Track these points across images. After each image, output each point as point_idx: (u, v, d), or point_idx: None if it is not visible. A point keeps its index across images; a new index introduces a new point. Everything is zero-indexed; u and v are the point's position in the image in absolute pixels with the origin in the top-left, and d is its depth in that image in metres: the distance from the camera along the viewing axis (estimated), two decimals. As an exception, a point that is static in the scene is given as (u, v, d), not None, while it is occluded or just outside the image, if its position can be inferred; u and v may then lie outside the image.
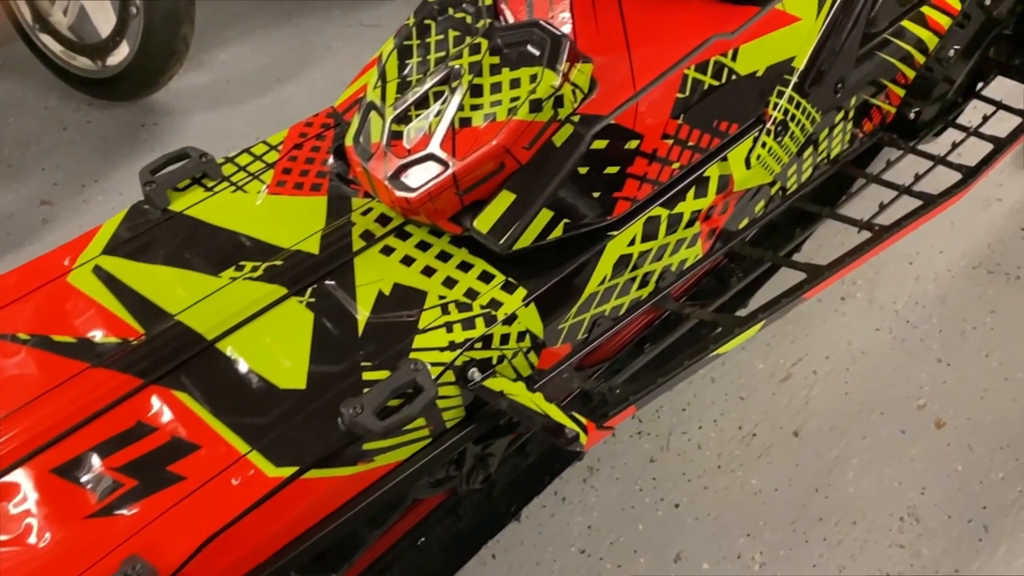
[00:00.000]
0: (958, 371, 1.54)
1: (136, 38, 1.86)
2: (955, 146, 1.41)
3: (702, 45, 0.97)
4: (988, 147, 1.39)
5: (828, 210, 1.26)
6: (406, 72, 0.95)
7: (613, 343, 1.18)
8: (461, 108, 0.90)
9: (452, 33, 0.95)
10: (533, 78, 0.88)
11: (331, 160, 1.04)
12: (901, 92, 1.35)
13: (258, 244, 0.94)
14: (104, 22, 1.91)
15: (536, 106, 0.88)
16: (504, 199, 0.91)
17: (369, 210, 0.98)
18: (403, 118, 0.93)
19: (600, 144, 0.92)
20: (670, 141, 0.97)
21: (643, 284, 1.06)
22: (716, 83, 0.99)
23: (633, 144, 0.94)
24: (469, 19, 0.95)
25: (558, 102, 0.89)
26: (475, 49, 0.92)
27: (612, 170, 0.94)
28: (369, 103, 0.95)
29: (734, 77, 1.00)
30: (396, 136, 0.92)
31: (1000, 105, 1.49)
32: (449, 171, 0.89)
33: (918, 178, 1.33)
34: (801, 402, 1.51)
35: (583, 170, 0.92)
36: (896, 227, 1.21)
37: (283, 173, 1.02)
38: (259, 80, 2.13)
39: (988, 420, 1.47)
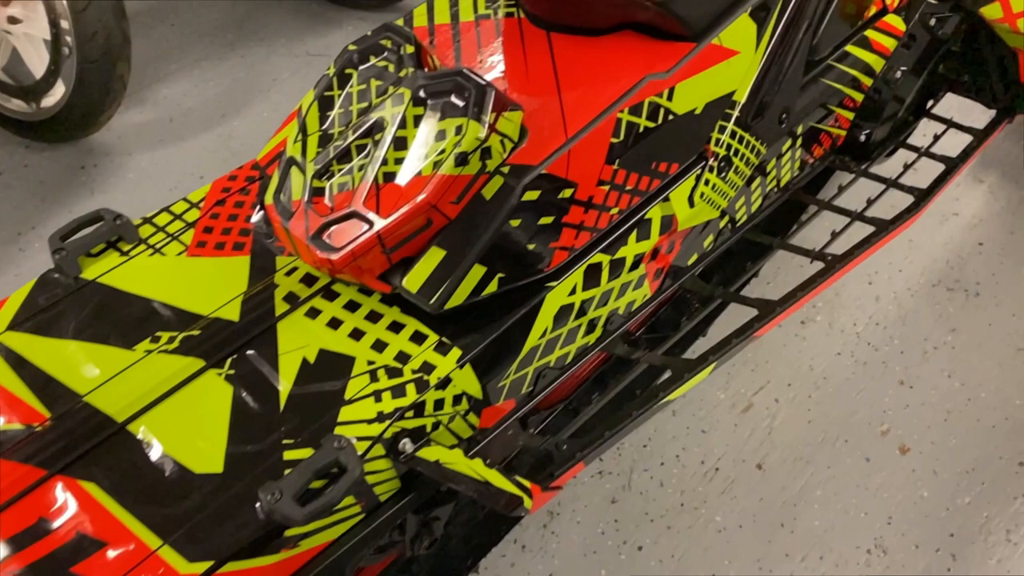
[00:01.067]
0: (921, 394, 1.51)
1: (71, 78, 1.80)
2: (907, 168, 1.39)
3: (635, 87, 0.93)
4: (941, 166, 1.38)
5: (779, 241, 1.23)
6: (327, 124, 0.90)
7: (568, 384, 1.14)
8: (385, 162, 0.85)
9: (374, 83, 0.90)
10: (458, 130, 0.84)
11: (255, 216, 0.98)
12: (850, 116, 1.32)
13: (176, 312, 0.89)
14: (37, 63, 1.84)
15: (462, 159, 0.83)
16: (433, 256, 0.86)
17: (294, 269, 0.93)
18: (325, 173, 0.88)
19: (532, 195, 0.87)
20: (606, 187, 0.93)
21: (590, 330, 1.02)
22: (652, 124, 0.95)
23: (567, 193, 0.90)
24: (392, 68, 0.90)
25: (485, 153, 0.85)
26: (398, 100, 0.87)
27: (547, 220, 0.90)
28: (289, 158, 0.90)
29: (671, 117, 0.97)
30: (318, 193, 0.87)
31: (951, 123, 1.47)
32: (374, 230, 0.84)
33: (870, 203, 1.31)
34: (764, 433, 1.47)
35: (516, 222, 0.87)
36: (849, 256, 1.19)
37: (204, 232, 0.97)
38: (203, 115, 2.07)
39: (952, 443, 1.45)
